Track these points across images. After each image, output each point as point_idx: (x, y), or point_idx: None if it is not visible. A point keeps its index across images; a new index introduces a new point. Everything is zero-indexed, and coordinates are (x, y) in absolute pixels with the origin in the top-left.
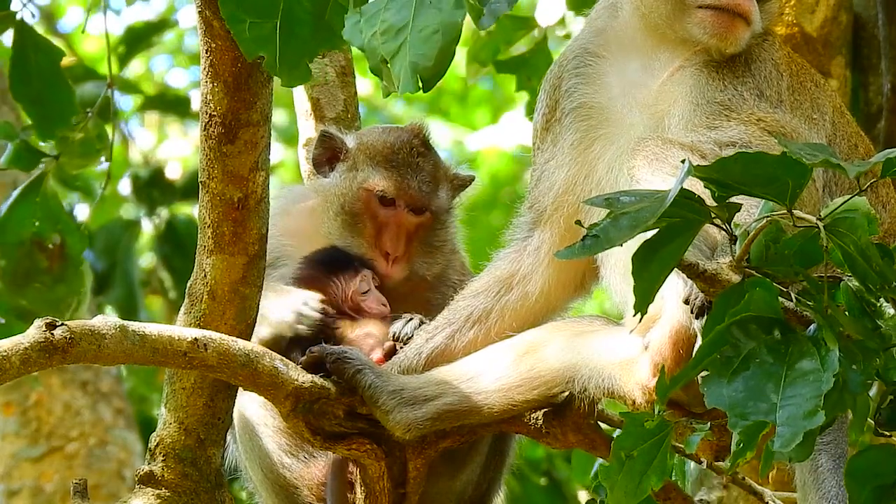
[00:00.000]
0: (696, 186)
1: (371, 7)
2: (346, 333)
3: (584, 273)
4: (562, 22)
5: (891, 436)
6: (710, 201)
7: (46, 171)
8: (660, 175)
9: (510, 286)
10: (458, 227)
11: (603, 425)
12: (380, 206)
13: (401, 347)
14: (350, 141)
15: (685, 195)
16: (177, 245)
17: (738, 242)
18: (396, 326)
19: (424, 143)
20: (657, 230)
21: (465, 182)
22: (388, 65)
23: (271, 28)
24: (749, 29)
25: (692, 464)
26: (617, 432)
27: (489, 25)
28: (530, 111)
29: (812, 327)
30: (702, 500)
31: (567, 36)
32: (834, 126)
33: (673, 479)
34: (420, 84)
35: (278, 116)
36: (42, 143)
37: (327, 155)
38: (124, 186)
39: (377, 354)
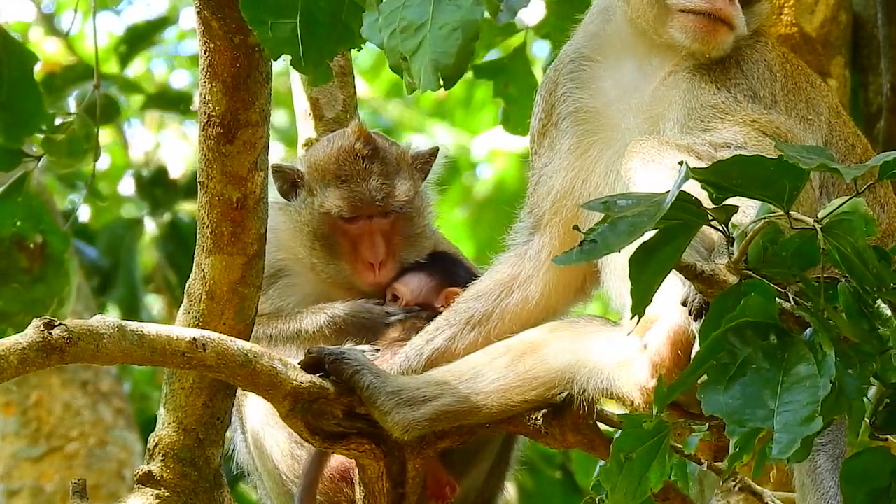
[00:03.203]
0: (693, 188)
1: (389, 5)
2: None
3: (585, 277)
4: (544, 24)
5: (887, 439)
6: (706, 202)
7: (29, 171)
8: (656, 176)
9: (511, 289)
10: (433, 203)
11: (602, 426)
12: (345, 223)
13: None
14: (301, 165)
15: (682, 197)
16: (180, 243)
17: (735, 244)
18: None
19: (367, 143)
20: (655, 232)
21: (429, 157)
22: (408, 62)
23: (292, 29)
24: (732, 33)
25: (691, 464)
26: (617, 433)
27: (507, 21)
28: (506, 118)
29: (808, 331)
30: None
31: (546, 36)
32: (830, 126)
33: (674, 479)
34: (441, 82)
35: (278, 117)
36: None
37: (287, 185)
38: (125, 187)
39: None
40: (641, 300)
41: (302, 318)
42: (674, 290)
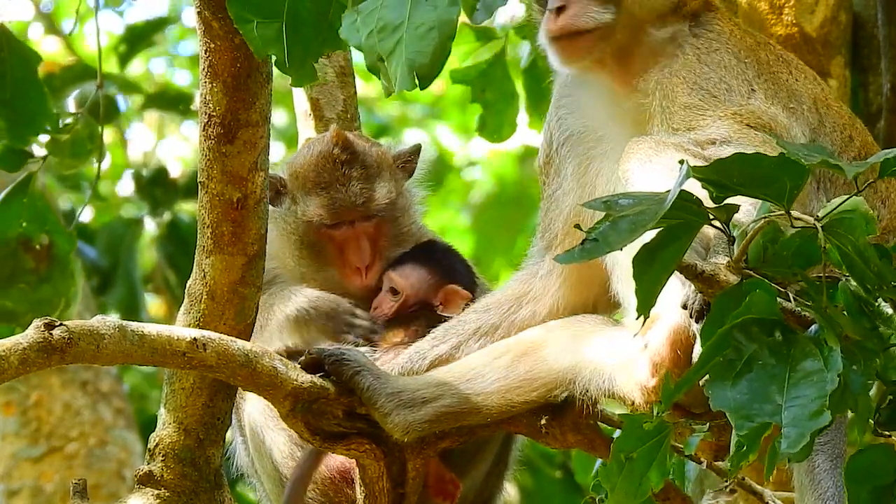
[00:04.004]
0: (693, 187)
1: (367, 5)
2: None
3: (596, 299)
4: (524, 25)
5: (890, 436)
6: (707, 202)
7: (34, 172)
8: (653, 176)
9: (520, 305)
10: (419, 201)
11: (602, 425)
12: (329, 230)
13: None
14: (283, 173)
15: (683, 196)
16: (180, 243)
17: (735, 243)
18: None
19: (346, 148)
20: (656, 232)
21: (410, 156)
22: (385, 63)
23: (277, 28)
24: (591, 34)
25: (691, 464)
26: (616, 433)
27: (483, 20)
28: (482, 125)
29: (813, 328)
30: None
31: (527, 37)
32: (820, 115)
33: (672, 479)
34: (417, 82)
35: (278, 117)
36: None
37: (272, 193)
38: (124, 187)
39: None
40: (646, 300)
41: (272, 307)
42: (674, 290)
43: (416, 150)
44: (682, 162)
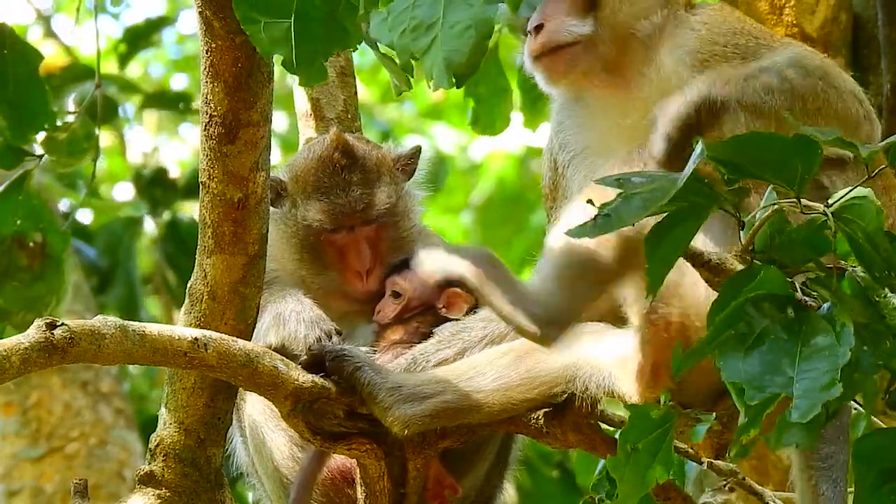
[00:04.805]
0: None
1: (398, 4)
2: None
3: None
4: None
5: None
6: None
7: (30, 170)
8: None
9: None
10: (419, 203)
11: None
12: (329, 234)
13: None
14: (284, 175)
15: (695, 178)
16: (180, 244)
17: (744, 230)
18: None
19: (345, 152)
20: (667, 214)
21: (410, 158)
22: (419, 61)
23: (286, 28)
24: (571, 48)
25: (692, 464)
26: (618, 433)
27: (527, 16)
28: (475, 119)
29: (825, 306)
30: (706, 502)
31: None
32: None
33: (673, 479)
34: (454, 80)
35: (276, 120)
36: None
37: (273, 195)
38: (121, 189)
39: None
40: (655, 280)
41: (262, 314)
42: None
43: (416, 151)
44: (695, 141)
